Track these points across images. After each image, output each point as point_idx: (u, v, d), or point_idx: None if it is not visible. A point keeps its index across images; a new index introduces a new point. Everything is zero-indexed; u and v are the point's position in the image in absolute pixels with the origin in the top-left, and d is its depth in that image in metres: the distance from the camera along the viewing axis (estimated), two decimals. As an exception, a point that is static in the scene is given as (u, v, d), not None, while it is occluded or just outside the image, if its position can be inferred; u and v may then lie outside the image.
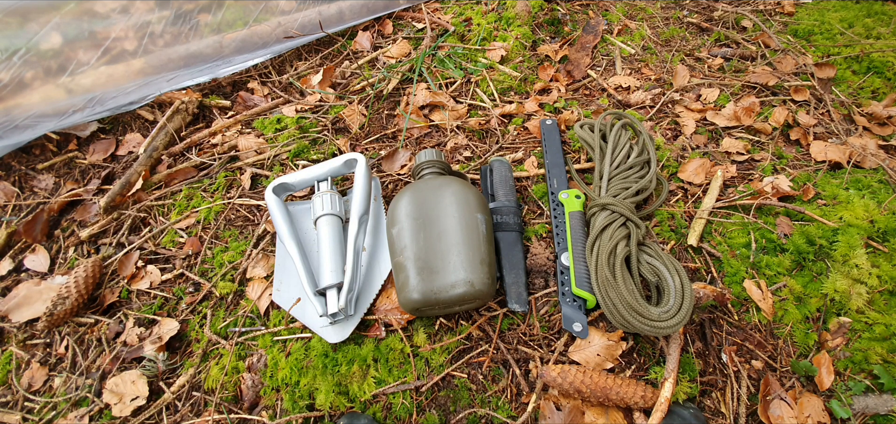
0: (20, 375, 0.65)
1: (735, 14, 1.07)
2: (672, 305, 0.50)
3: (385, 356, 0.58)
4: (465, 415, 0.54)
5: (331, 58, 1.04)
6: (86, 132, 0.93)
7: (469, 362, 0.57)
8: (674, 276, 0.52)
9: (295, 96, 0.96)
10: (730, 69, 0.94)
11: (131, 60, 0.90)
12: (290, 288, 0.64)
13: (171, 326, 0.64)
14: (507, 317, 0.59)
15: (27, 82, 0.84)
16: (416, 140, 0.83)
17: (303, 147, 0.83)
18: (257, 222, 0.75)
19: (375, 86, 0.93)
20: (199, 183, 0.82)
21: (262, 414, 0.56)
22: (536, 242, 0.65)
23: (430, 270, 0.54)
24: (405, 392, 0.55)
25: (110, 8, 0.90)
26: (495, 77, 0.91)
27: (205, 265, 0.71)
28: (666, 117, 0.84)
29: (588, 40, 1.02)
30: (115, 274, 0.72)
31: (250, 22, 0.99)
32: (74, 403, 0.61)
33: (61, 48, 0.86)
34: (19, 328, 0.69)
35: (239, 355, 0.61)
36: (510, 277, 0.60)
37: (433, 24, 1.04)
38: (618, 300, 0.51)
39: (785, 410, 0.51)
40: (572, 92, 0.91)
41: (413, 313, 0.57)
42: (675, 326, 0.50)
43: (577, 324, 0.56)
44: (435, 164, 0.66)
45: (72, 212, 0.83)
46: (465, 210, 0.58)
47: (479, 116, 0.85)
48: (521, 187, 0.73)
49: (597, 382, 0.51)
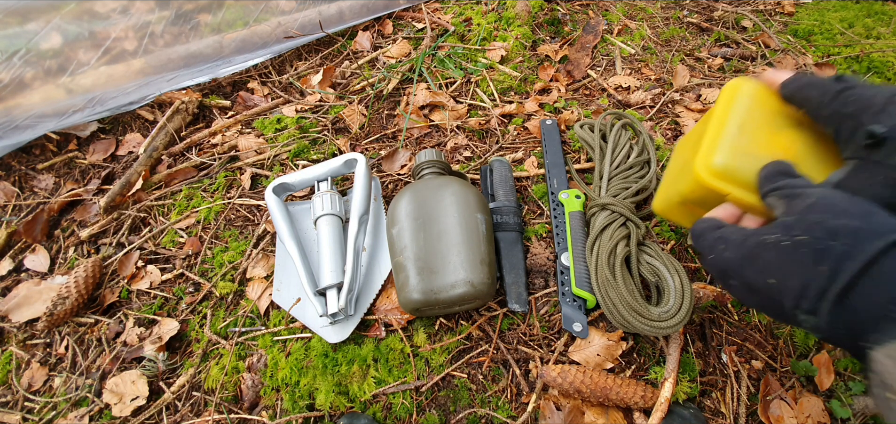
0: (20, 375, 0.65)
1: (735, 14, 1.07)
2: (672, 305, 0.50)
3: (385, 356, 0.58)
4: (465, 415, 0.54)
5: (331, 58, 1.04)
6: (86, 132, 0.93)
7: (469, 362, 0.57)
8: (674, 276, 0.52)
9: (295, 96, 0.96)
10: (730, 69, 0.94)
11: (131, 59, 0.90)
12: (290, 288, 0.64)
13: (171, 326, 0.64)
14: (507, 317, 0.59)
15: (27, 82, 0.84)
16: (416, 140, 0.83)
17: (303, 147, 0.83)
18: (257, 222, 0.75)
19: (375, 86, 0.93)
20: (199, 183, 0.82)
21: (262, 414, 0.56)
22: (536, 242, 0.65)
23: (430, 270, 0.54)
24: (405, 392, 0.55)
25: (110, 8, 0.90)
26: (495, 77, 0.91)
27: (205, 264, 0.71)
28: (666, 117, 0.84)
29: (588, 40, 1.02)
30: (115, 274, 0.72)
31: (250, 22, 0.99)
32: (74, 403, 0.61)
33: (61, 48, 0.86)
34: (19, 328, 0.69)
35: (239, 355, 0.61)
36: (510, 277, 0.60)
37: (433, 24, 1.04)
38: (618, 299, 0.51)
39: (785, 410, 0.51)
40: (572, 92, 0.91)
41: (413, 313, 0.57)
42: (675, 326, 0.49)
43: (577, 324, 0.56)
44: (435, 164, 0.66)
45: (72, 212, 0.83)
46: (465, 210, 0.58)
47: (479, 116, 0.85)
48: (521, 187, 0.73)
49: (597, 382, 0.51)
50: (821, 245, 0.29)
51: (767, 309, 0.33)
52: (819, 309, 0.28)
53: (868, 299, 0.26)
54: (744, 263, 0.33)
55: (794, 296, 0.29)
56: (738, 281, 0.34)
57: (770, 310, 0.33)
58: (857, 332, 0.27)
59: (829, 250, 0.28)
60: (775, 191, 0.36)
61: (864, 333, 0.27)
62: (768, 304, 0.32)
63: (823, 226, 0.29)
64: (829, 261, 0.28)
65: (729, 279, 0.35)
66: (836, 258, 0.28)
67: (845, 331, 0.28)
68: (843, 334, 0.28)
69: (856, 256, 0.27)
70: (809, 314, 0.29)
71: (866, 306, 0.26)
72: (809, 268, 0.29)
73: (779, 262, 0.30)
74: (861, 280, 0.27)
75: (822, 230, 0.29)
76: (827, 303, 0.28)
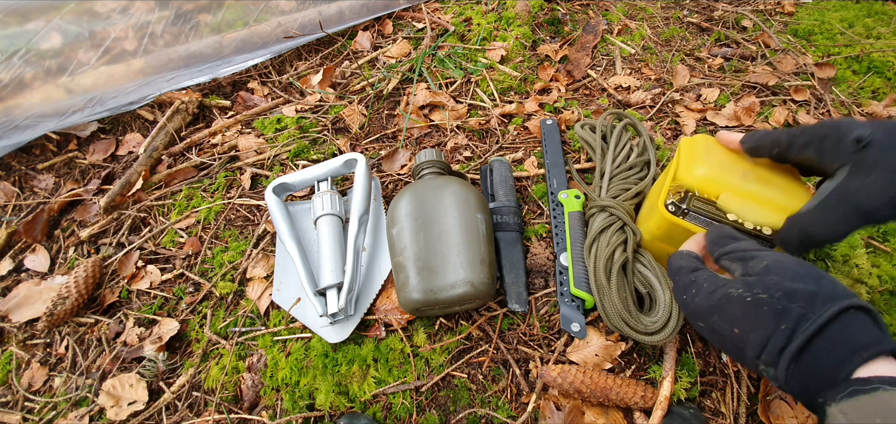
0: (20, 375, 0.65)
1: (735, 14, 1.07)
2: (661, 317, 0.51)
3: (385, 356, 0.58)
4: (465, 415, 0.54)
5: (331, 58, 1.04)
6: (86, 132, 0.93)
7: (469, 362, 0.57)
8: (665, 290, 0.52)
9: (295, 96, 0.96)
10: (730, 69, 0.94)
11: (131, 59, 0.90)
12: (290, 288, 0.64)
13: (171, 326, 0.64)
14: (507, 317, 0.59)
15: (27, 82, 0.84)
16: (416, 140, 0.83)
17: (303, 147, 0.83)
18: (257, 222, 0.75)
19: (375, 86, 0.93)
20: (199, 183, 0.82)
21: (262, 414, 0.56)
22: (536, 242, 0.65)
23: (431, 270, 0.54)
24: (405, 392, 0.55)
25: (110, 8, 0.90)
26: (495, 77, 0.91)
27: (205, 264, 0.71)
28: (666, 117, 0.84)
29: (588, 40, 1.02)
30: (115, 274, 0.72)
31: (250, 22, 0.99)
32: (74, 403, 0.61)
33: (61, 48, 0.86)
34: (19, 328, 0.69)
35: (239, 355, 0.61)
36: (510, 277, 0.60)
37: (433, 24, 1.04)
38: (610, 308, 0.52)
39: (785, 410, 0.51)
40: (572, 92, 0.91)
41: (413, 313, 0.57)
42: (663, 339, 0.50)
43: (576, 324, 0.56)
44: (435, 164, 0.66)
45: (72, 212, 0.83)
46: (465, 210, 0.58)
47: (479, 116, 0.85)
48: (521, 187, 0.73)
49: (597, 382, 0.51)
50: (780, 306, 0.32)
51: (731, 354, 0.36)
52: (778, 363, 0.31)
53: (822, 358, 0.29)
54: (711, 311, 0.36)
55: (756, 348, 0.32)
56: (705, 325, 0.37)
57: (734, 355, 0.36)
58: (812, 388, 0.30)
59: (787, 310, 0.31)
60: (726, 255, 0.40)
61: (820, 389, 0.29)
62: (732, 350, 0.35)
63: (780, 287, 0.33)
64: (787, 321, 0.31)
65: (697, 321, 0.38)
66: (795, 319, 0.31)
67: (800, 386, 0.30)
68: (798, 388, 0.30)
69: (812, 318, 0.30)
70: (769, 366, 0.31)
71: (820, 365, 0.29)
72: (770, 325, 0.32)
73: (742, 315, 0.34)
74: (815, 340, 0.30)
75: (780, 291, 0.32)
76: (785, 358, 0.30)
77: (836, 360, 0.29)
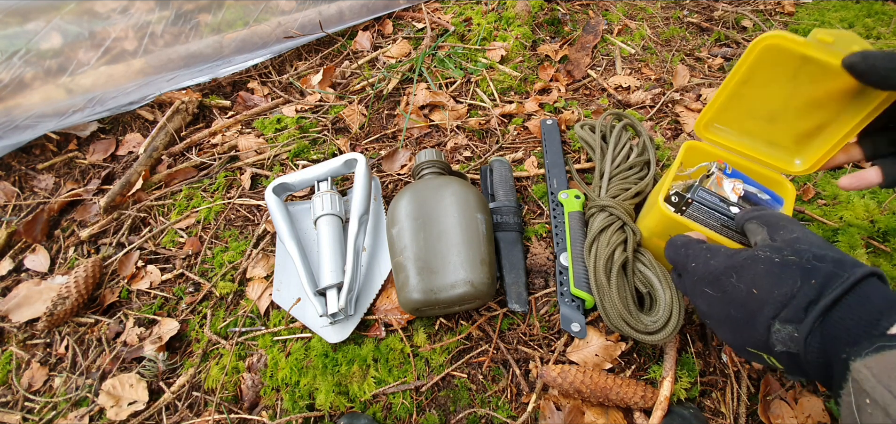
0: (20, 375, 0.65)
1: (735, 14, 1.07)
2: (661, 316, 0.51)
3: (385, 356, 0.58)
4: (465, 415, 0.54)
5: (331, 58, 1.04)
6: (86, 132, 0.93)
7: (469, 362, 0.57)
8: (665, 289, 0.52)
9: (295, 96, 0.96)
10: (730, 69, 0.94)
11: (131, 59, 0.90)
12: (290, 288, 0.64)
13: (171, 326, 0.64)
14: (507, 317, 0.59)
15: (27, 82, 0.84)
16: (416, 140, 0.83)
17: (303, 147, 0.83)
18: (257, 222, 0.75)
19: (375, 86, 0.93)
20: (199, 183, 0.82)
21: (262, 414, 0.56)
22: (536, 242, 0.65)
23: (431, 270, 0.54)
24: (405, 392, 0.55)
25: (110, 8, 0.90)
26: (495, 77, 0.91)
27: (205, 264, 0.71)
28: (666, 117, 0.84)
29: (588, 40, 1.02)
30: (115, 274, 0.72)
31: (250, 22, 0.99)
32: (74, 403, 0.61)
33: (61, 48, 0.86)
34: (19, 328, 0.69)
35: (239, 355, 0.61)
36: (510, 277, 0.60)
37: (433, 24, 1.04)
38: (610, 307, 0.52)
39: (785, 410, 0.51)
40: (572, 92, 0.91)
41: (413, 313, 0.57)
42: (663, 338, 0.50)
43: (575, 324, 0.56)
44: (435, 164, 0.66)
45: (72, 212, 0.83)
46: (465, 210, 0.58)
47: (479, 116, 0.85)
48: (521, 187, 0.73)
49: (597, 382, 0.51)
50: (809, 265, 0.33)
51: (735, 321, 0.36)
52: (804, 318, 0.31)
53: (852, 314, 0.30)
54: (729, 272, 0.36)
55: (776, 306, 0.32)
56: (715, 289, 0.37)
57: (737, 322, 0.36)
58: (836, 345, 0.30)
59: (817, 269, 0.32)
60: (755, 219, 0.40)
61: (841, 347, 0.29)
62: (739, 314, 0.35)
63: (811, 252, 0.34)
64: (818, 277, 0.32)
65: (707, 286, 0.38)
66: (826, 276, 0.32)
67: (821, 343, 0.30)
68: (817, 346, 0.31)
69: (843, 277, 0.31)
70: (788, 323, 0.32)
71: (849, 320, 0.30)
72: (797, 281, 0.32)
73: (767, 274, 0.34)
74: (846, 297, 0.30)
75: (810, 255, 0.34)
76: (815, 312, 0.31)
77: (868, 317, 0.29)
